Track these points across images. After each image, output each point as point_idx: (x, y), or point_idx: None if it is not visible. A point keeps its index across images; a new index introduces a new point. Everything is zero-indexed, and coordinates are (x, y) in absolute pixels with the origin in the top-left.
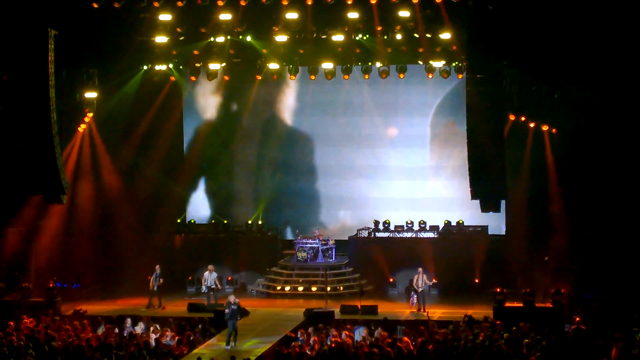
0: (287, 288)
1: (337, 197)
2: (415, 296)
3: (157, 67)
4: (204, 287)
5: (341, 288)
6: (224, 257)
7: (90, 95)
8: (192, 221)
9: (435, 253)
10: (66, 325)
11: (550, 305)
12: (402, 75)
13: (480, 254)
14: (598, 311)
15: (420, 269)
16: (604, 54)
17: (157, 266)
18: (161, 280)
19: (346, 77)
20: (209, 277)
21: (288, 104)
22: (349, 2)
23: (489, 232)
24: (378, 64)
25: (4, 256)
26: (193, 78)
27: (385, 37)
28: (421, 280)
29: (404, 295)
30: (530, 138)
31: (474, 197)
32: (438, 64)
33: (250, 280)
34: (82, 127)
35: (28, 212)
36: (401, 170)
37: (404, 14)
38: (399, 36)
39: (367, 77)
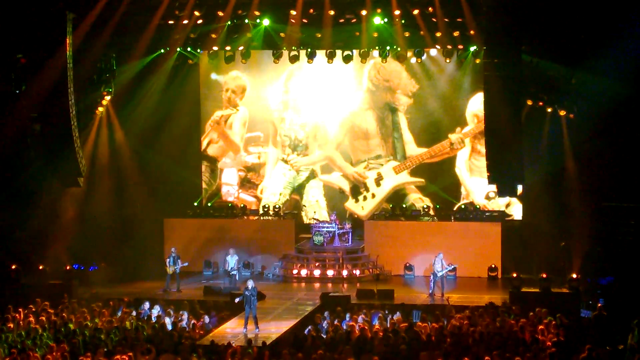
0: (304, 272)
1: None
2: (433, 281)
3: (175, 50)
4: (229, 268)
5: (357, 272)
6: (240, 241)
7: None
8: (209, 204)
9: (453, 238)
10: (82, 308)
11: (567, 291)
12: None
13: (497, 239)
14: (615, 297)
15: (439, 254)
16: (622, 39)
17: (173, 248)
18: (181, 263)
19: (364, 61)
20: (231, 259)
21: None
22: None
23: (506, 217)
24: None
25: (21, 238)
26: (210, 61)
27: (403, 21)
28: (439, 264)
29: (421, 280)
30: (548, 123)
31: (491, 181)
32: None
33: (267, 263)
34: (99, 111)
35: (45, 195)
36: None
37: None
38: (416, 20)
39: (384, 62)
